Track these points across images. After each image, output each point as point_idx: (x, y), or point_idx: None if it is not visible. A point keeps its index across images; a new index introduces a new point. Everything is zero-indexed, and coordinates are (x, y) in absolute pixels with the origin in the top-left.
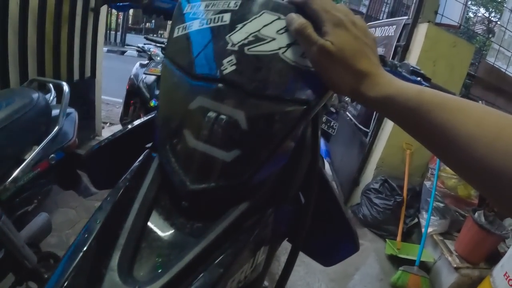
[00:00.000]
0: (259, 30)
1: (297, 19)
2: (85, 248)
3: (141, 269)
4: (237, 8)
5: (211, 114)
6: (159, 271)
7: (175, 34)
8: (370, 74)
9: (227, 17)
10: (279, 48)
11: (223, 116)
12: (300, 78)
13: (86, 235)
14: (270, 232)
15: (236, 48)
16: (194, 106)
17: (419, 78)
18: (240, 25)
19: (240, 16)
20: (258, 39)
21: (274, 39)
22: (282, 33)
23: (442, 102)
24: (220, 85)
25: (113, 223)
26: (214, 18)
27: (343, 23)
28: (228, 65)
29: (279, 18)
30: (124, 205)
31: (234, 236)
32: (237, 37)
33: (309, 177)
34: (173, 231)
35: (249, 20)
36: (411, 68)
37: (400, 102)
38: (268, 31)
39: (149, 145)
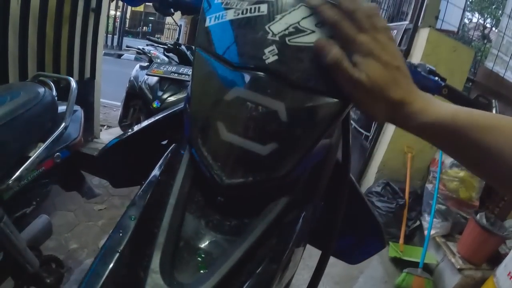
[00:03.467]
0: (298, 22)
1: (332, 49)
2: (121, 248)
3: (182, 269)
4: None
5: (249, 105)
6: (202, 271)
7: (208, 23)
8: (404, 103)
9: (264, 8)
10: None
11: (261, 107)
12: None
13: (120, 234)
14: (307, 230)
15: (277, 38)
16: (230, 97)
17: (436, 78)
18: (279, 16)
19: (277, 7)
20: (298, 30)
21: (313, 31)
22: (321, 27)
23: (476, 122)
24: (261, 74)
25: (148, 221)
26: (251, 9)
27: (373, 52)
28: (270, 55)
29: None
30: (158, 201)
31: (277, 232)
32: (277, 27)
33: (338, 178)
34: (210, 229)
35: (288, 12)
36: (428, 68)
37: (436, 130)
38: (307, 24)
39: (164, 142)
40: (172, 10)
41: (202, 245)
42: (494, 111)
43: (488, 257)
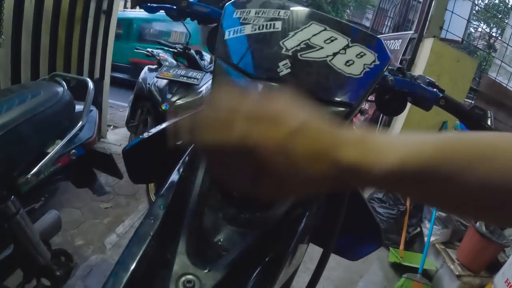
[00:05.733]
0: (309, 39)
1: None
2: (153, 232)
3: (203, 253)
4: (287, 17)
5: None
6: (220, 255)
7: (227, 36)
8: (332, 171)
9: (278, 25)
10: (327, 56)
11: None
12: (344, 84)
13: (152, 220)
14: (312, 226)
15: (290, 53)
16: None
17: (435, 89)
18: (292, 33)
19: (290, 25)
20: (308, 46)
21: (322, 47)
22: (328, 43)
23: (424, 162)
24: (275, 85)
25: (175, 210)
26: (266, 25)
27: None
28: (284, 68)
29: (325, 29)
30: (182, 194)
31: (285, 226)
32: (290, 43)
33: None
34: (227, 220)
35: (300, 29)
36: (428, 80)
37: (385, 183)
38: (317, 40)
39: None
40: (189, 19)
41: (220, 234)
42: (489, 122)
43: (486, 264)
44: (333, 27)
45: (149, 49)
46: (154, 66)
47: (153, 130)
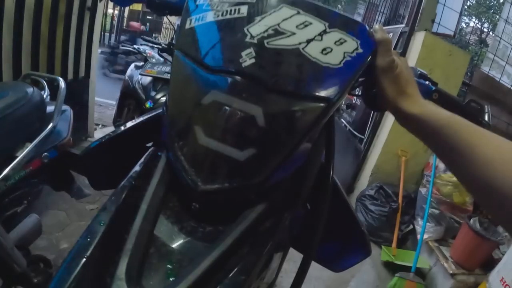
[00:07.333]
0: (278, 24)
1: (384, 33)
2: (88, 254)
3: (150, 277)
4: (254, 1)
5: (226, 110)
6: (171, 279)
7: (188, 26)
8: (411, 96)
9: (244, 9)
10: (299, 43)
11: (238, 112)
12: (321, 75)
13: (88, 239)
14: (287, 237)
15: (255, 40)
16: (207, 101)
17: (427, 82)
18: (258, 18)
19: (258, 9)
20: (277, 32)
21: (294, 33)
22: (302, 28)
23: (468, 125)
24: (237, 78)
25: (118, 226)
26: (230, 10)
27: (399, 59)
28: (247, 58)
29: (298, 13)
30: (130, 206)
31: (251, 240)
32: (256, 29)
33: (321, 182)
34: (183, 235)
35: (268, 13)
36: (419, 73)
37: (431, 120)
38: (287, 25)
39: (149, 144)
40: (158, 11)
41: (173, 252)
42: (486, 117)
43: (481, 262)
44: (307, 11)
45: (135, 46)
46: (141, 63)
47: (113, 132)
